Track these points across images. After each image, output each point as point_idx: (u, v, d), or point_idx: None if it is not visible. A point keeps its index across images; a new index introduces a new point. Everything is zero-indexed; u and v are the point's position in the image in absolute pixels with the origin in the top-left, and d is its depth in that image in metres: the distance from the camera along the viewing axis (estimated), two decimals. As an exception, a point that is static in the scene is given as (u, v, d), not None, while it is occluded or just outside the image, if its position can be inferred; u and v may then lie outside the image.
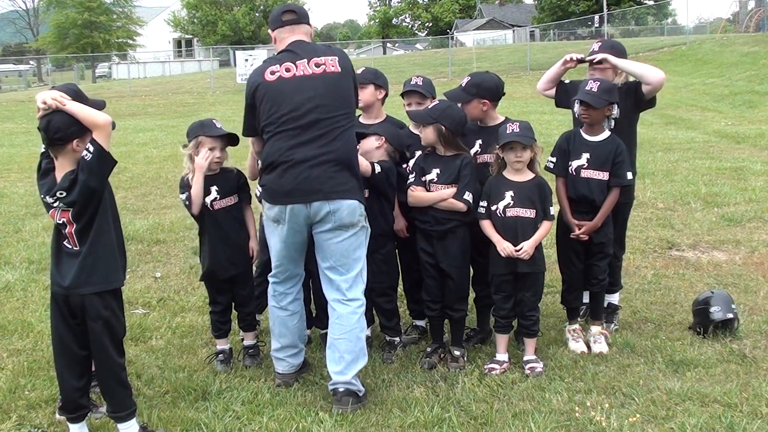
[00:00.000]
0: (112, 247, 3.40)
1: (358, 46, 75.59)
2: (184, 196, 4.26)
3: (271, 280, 4.09)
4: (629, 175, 4.41)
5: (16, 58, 68.63)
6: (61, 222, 3.32)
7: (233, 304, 4.49)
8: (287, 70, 3.79)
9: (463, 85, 4.50)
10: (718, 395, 3.78)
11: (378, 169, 4.23)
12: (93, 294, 3.31)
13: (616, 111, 4.42)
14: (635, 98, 4.58)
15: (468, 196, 4.19)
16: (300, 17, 3.93)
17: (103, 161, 3.26)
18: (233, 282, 4.40)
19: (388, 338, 4.59)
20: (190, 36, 64.58)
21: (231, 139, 4.30)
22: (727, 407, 3.67)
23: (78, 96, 3.52)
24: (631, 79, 4.66)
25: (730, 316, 4.56)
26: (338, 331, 3.88)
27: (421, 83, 4.64)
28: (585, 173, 4.38)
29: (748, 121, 16.06)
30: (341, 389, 3.81)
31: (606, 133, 4.42)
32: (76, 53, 52.39)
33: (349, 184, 3.85)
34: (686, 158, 11.35)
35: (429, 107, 4.33)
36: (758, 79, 21.84)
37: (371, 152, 4.35)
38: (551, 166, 4.50)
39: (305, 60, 3.81)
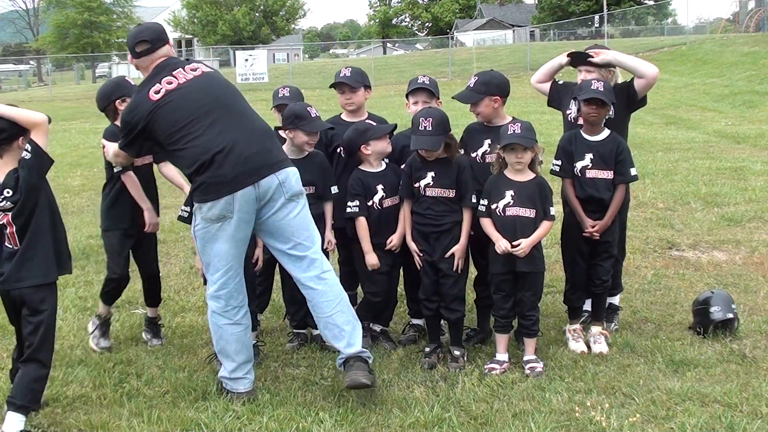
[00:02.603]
0: (49, 244, 3.58)
1: (358, 46, 75.65)
2: None
3: (220, 293, 3.86)
4: (633, 171, 4.43)
5: (16, 58, 68.68)
6: (1, 224, 3.49)
7: None
8: (169, 83, 3.77)
9: (472, 85, 4.48)
10: (718, 395, 3.78)
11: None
12: (30, 287, 3.50)
13: (612, 110, 4.45)
14: (627, 98, 4.60)
15: (474, 198, 4.25)
16: (153, 45, 3.87)
17: (41, 159, 3.53)
18: None
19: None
20: (190, 36, 64.54)
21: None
22: (727, 407, 3.67)
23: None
24: (621, 80, 4.68)
25: (730, 316, 4.56)
26: (328, 307, 3.85)
27: (428, 81, 4.65)
28: (590, 173, 4.39)
29: (748, 121, 16.06)
30: (352, 357, 3.82)
31: (606, 132, 4.43)
32: (76, 53, 52.40)
33: (284, 154, 3.93)
34: (686, 158, 11.35)
35: (431, 128, 4.17)
36: (758, 79, 21.84)
37: (384, 153, 4.48)
38: (557, 169, 4.49)
39: (180, 69, 3.84)
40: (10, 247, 3.52)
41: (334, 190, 4.54)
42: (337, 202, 4.62)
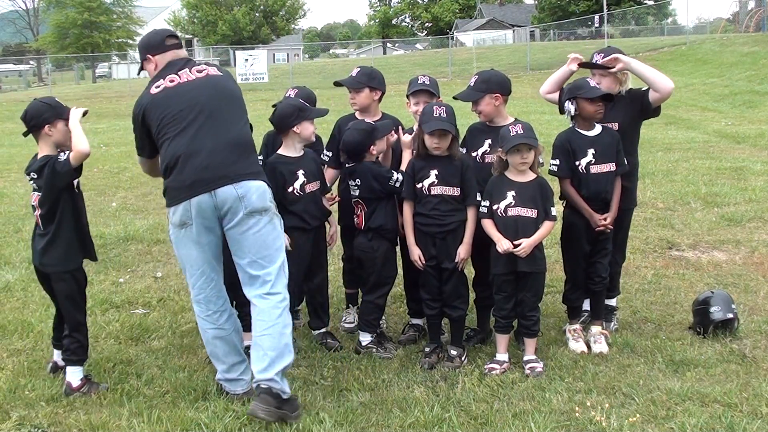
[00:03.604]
0: (71, 236, 4.03)
1: (358, 46, 75.66)
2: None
3: (199, 298, 3.86)
4: (625, 161, 4.49)
5: (16, 58, 68.71)
6: (33, 204, 4.02)
7: (233, 304, 4.48)
8: (171, 81, 3.78)
9: (472, 84, 4.49)
10: (718, 395, 3.78)
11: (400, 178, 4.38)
12: (54, 272, 4.03)
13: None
14: (641, 106, 4.59)
15: (478, 196, 4.27)
16: (180, 42, 4.02)
17: (68, 169, 3.92)
18: (235, 285, 4.38)
19: (362, 335, 4.57)
20: (190, 36, 64.53)
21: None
22: (727, 407, 3.67)
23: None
24: (632, 86, 4.68)
25: (730, 316, 4.56)
26: (260, 327, 3.72)
27: (428, 82, 4.66)
28: (594, 168, 4.40)
29: (748, 121, 16.06)
30: (263, 386, 3.62)
31: (599, 126, 4.46)
32: (76, 53, 52.42)
33: (254, 168, 3.80)
34: (686, 158, 11.35)
35: (445, 115, 4.22)
36: (758, 79, 21.84)
37: (383, 151, 4.51)
38: (555, 169, 4.47)
39: (186, 69, 3.84)
40: (40, 228, 4.02)
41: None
42: (341, 202, 4.63)
